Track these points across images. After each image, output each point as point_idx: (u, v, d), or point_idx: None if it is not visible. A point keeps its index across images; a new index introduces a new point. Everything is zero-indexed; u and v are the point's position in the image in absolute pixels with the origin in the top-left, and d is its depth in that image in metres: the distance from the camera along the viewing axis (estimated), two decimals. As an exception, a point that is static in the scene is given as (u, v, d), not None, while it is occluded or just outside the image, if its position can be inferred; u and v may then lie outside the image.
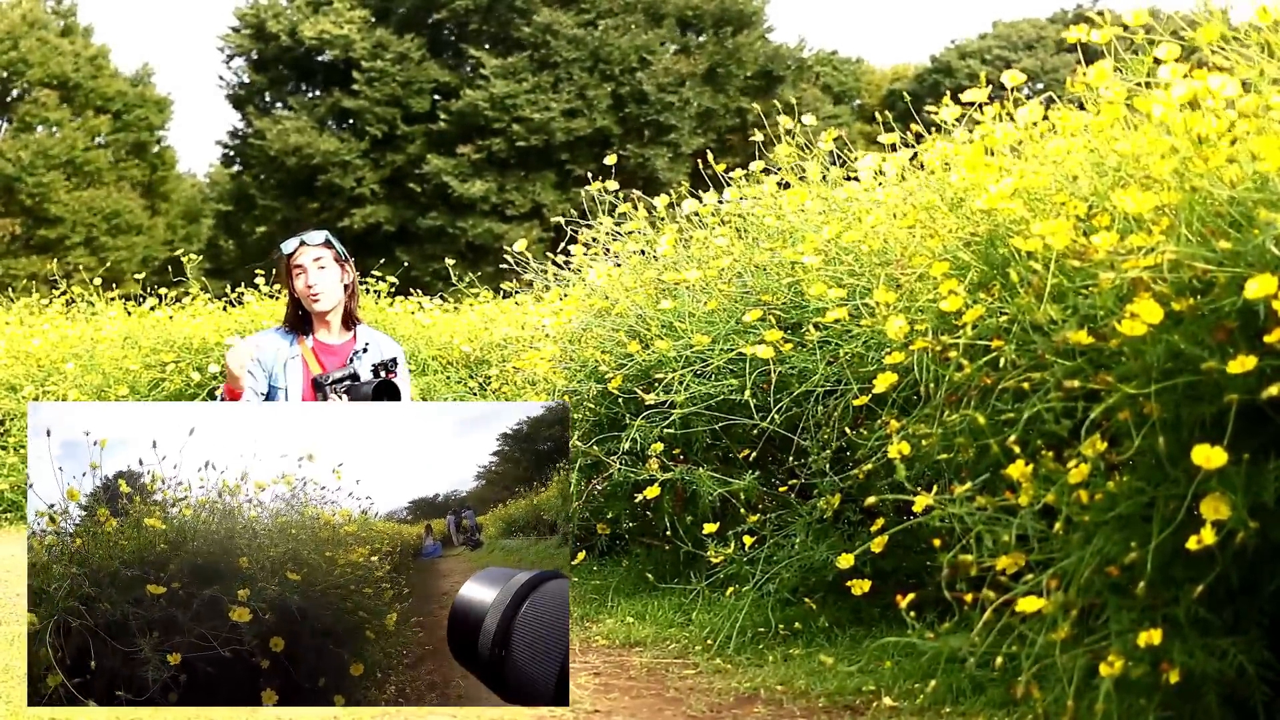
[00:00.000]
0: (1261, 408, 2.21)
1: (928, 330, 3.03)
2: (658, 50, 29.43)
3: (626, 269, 5.27)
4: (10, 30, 28.02)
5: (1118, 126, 2.85)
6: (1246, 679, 2.31)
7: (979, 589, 2.46)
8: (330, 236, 4.12)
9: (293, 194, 29.60)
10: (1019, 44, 33.77)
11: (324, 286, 4.03)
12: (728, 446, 4.41)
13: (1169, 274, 2.32)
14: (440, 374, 8.80)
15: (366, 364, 4.02)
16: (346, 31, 28.88)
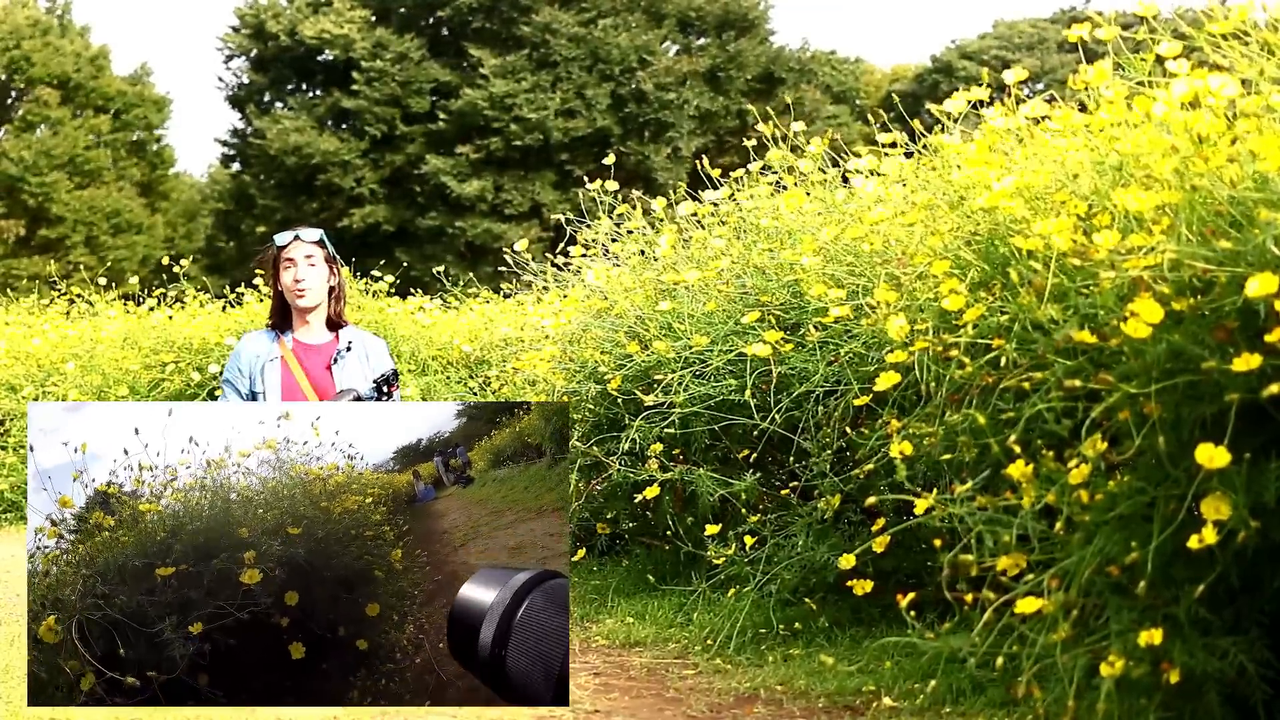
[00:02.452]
0: (1262, 407, 2.20)
1: (928, 329, 3.03)
2: (657, 50, 29.43)
3: (625, 270, 5.26)
4: (14, 31, 28.03)
5: (1118, 126, 2.85)
6: (1247, 678, 2.30)
7: (979, 589, 2.45)
8: (325, 236, 4.12)
9: (292, 194, 29.60)
10: (1019, 44, 33.75)
11: (311, 283, 4.03)
12: (727, 447, 4.40)
13: (1169, 273, 2.32)
14: (440, 374, 8.79)
15: (350, 363, 4.01)
16: (346, 31, 28.88)
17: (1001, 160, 3.17)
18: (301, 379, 3.99)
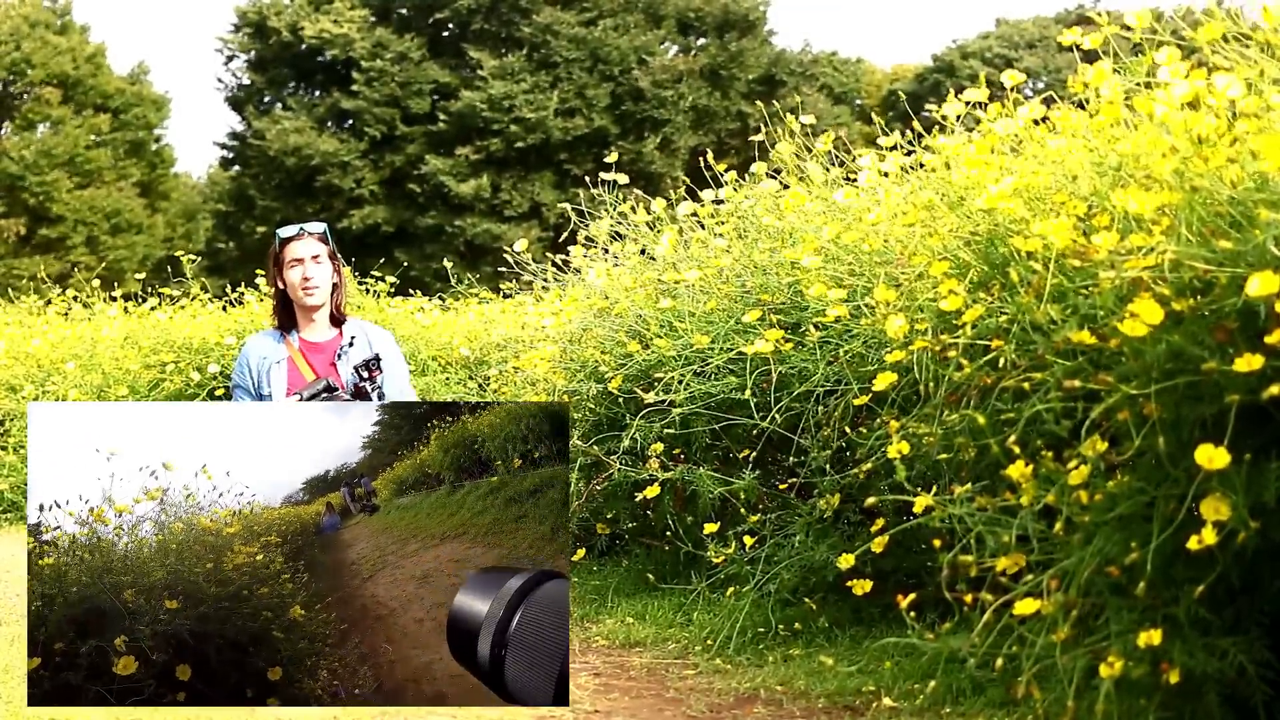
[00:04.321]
0: (1262, 407, 2.20)
1: (928, 329, 3.03)
2: (657, 51, 29.43)
3: (626, 269, 5.26)
4: (14, 31, 28.02)
5: (1118, 126, 2.85)
6: (1247, 679, 2.30)
7: (979, 589, 2.45)
8: (326, 231, 4.11)
9: (292, 194, 29.60)
10: (1021, 43, 33.73)
11: (319, 281, 4.01)
12: (728, 446, 4.40)
13: (1169, 274, 2.32)
14: (440, 375, 8.79)
15: (354, 356, 4.01)
16: (346, 31, 28.88)
17: (1001, 161, 3.18)
18: (309, 377, 3.99)
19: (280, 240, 4.05)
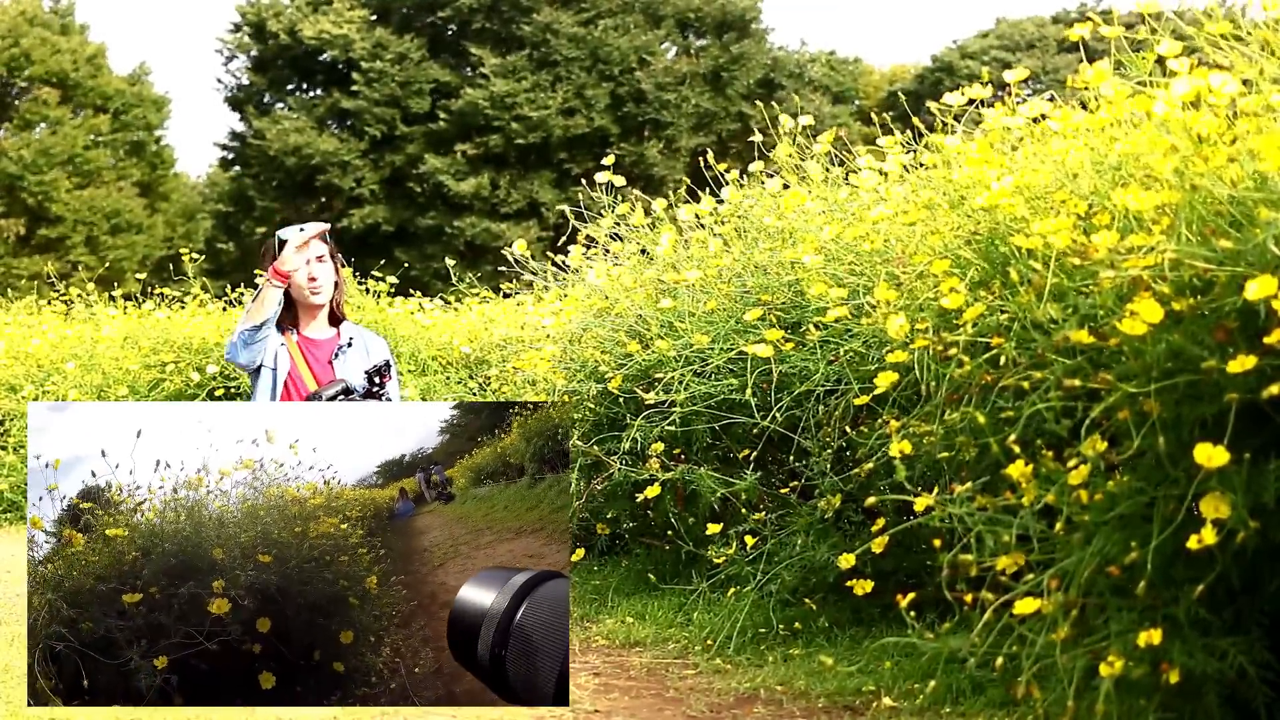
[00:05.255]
0: (1261, 407, 2.20)
1: (928, 328, 3.03)
2: (657, 51, 29.42)
3: (626, 269, 5.26)
4: (12, 29, 28.02)
5: (1118, 125, 2.85)
6: (1247, 679, 2.30)
7: (979, 589, 2.45)
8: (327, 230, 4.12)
9: (292, 194, 29.60)
10: (1021, 44, 33.72)
11: (323, 280, 4.05)
12: (728, 446, 4.40)
13: (1169, 273, 2.32)
14: (440, 374, 8.79)
15: (352, 357, 4.02)
16: (346, 31, 28.87)
17: (1001, 160, 3.17)
18: (305, 373, 4.00)
19: (280, 240, 4.08)
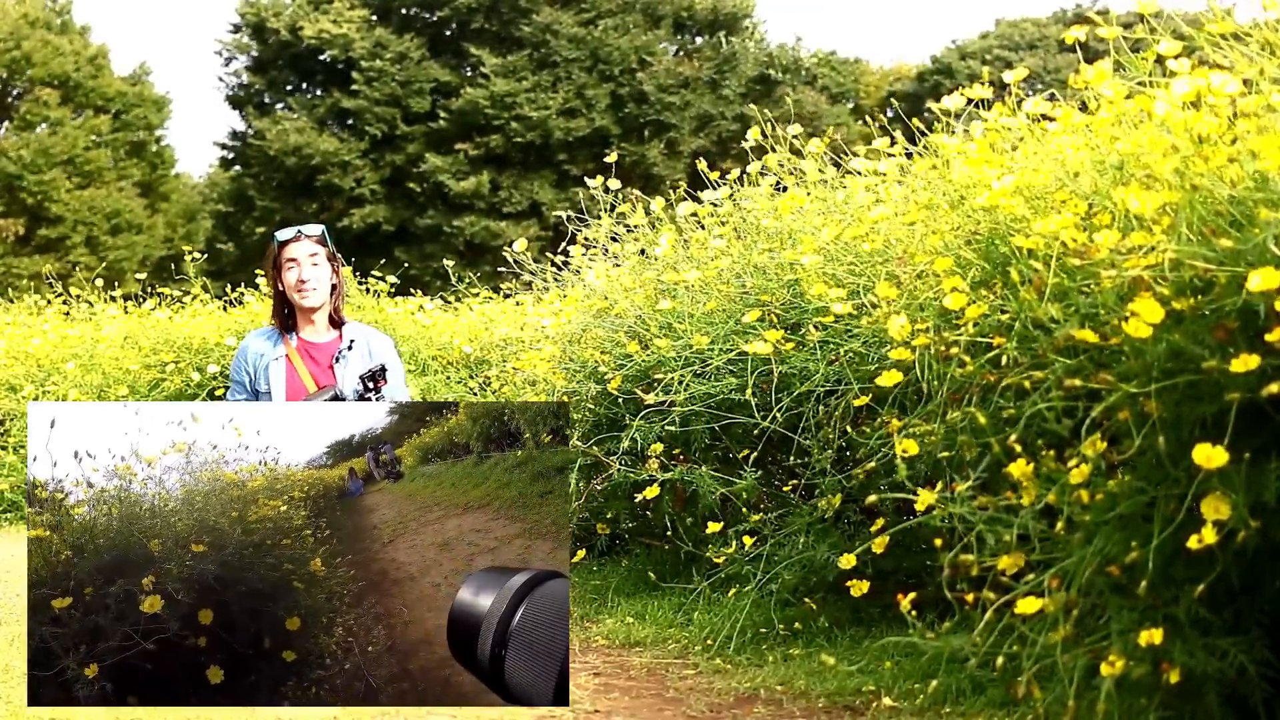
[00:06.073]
0: (1262, 407, 2.20)
1: (929, 328, 3.03)
2: (657, 51, 29.42)
3: (625, 269, 5.26)
4: (13, 30, 28.02)
5: (1119, 125, 2.85)
6: (1247, 679, 2.30)
7: (980, 589, 2.45)
8: (325, 233, 4.12)
9: (292, 194, 29.60)
10: (1020, 44, 33.72)
11: (316, 282, 4.04)
12: (728, 446, 4.40)
13: (1170, 273, 2.32)
14: (440, 374, 8.79)
15: (353, 360, 4.01)
16: (346, 31, 28.87)
17: (1002, 160, 3.17)
18: (306, 378, 3.99)
19: (278, 242, 4.08)
